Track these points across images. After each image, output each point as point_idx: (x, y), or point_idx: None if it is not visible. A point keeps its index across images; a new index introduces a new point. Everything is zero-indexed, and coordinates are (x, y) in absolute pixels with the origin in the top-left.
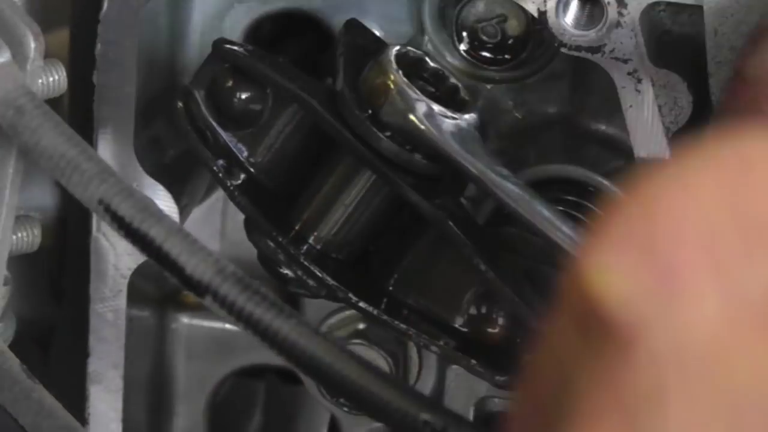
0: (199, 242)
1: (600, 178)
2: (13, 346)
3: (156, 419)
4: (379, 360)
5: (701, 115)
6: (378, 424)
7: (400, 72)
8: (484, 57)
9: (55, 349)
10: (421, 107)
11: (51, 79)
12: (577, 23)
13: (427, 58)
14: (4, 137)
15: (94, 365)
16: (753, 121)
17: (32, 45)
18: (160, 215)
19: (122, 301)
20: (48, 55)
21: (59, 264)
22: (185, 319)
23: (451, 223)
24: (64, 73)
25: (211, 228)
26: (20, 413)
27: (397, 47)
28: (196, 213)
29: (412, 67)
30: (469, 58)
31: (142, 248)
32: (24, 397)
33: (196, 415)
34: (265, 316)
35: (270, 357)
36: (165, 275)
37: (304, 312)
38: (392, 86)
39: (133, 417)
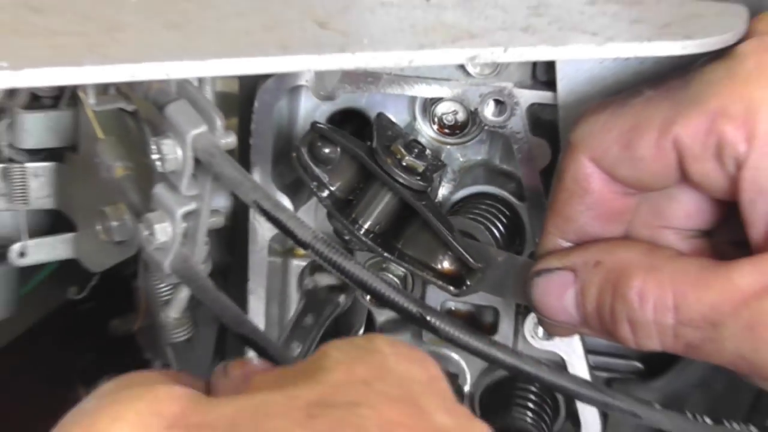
0: (304, 221)
1: (504, 192)
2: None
3: (280, 321)
4: (392, 280)
5: (555, 159)
6: (393, 314)
7: (403, 148)
8: (446, 132)
9: (231, 277)
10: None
11: (228, 140)
12: (493, 114)
13: (418, 139)
14: (205, 169)
15: (251, 285)
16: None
17: (218, 122)
18: (284, 209)
19: (265, 253)
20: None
21: (232, 234)
22: (296, 262)
23: (430, 214)
24: (235, 138)
25: (309, 217)
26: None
27: (402, 141)
28: (302, 210)
29: (411, 143)
30: (438, 133)
31: (275, 225)
32: (213, 298)
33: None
34: (337, 257)
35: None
36: (286, 239)
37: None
38: (401, 152)
39: (268, 319)
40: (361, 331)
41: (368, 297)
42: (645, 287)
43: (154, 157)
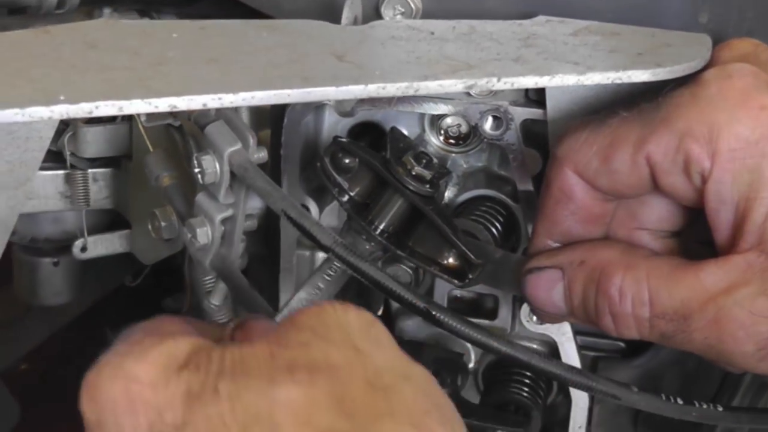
0: (326, 227)
1: (501, 195)
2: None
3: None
4: (405, 272)
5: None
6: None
7: (412, 159)
8: (451, 142)
9: (267, 266)
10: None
11: (260, 155)
12: (491, 128)
13: (426, 149)
14: (240, 181)
15: (281, 275)
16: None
17: (251, 140)
18: (308, 216)
19: (294, 247)
20: (258, 143)
21: (267, 230)
22: (322, 254)
23: (436, 217)
24: (266, 153)
25: (333, 216)
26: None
27: (412, 152)
28: (326, 210)
29: (420, 154)
30: (444, 143)
31: (300, 230)
32: (246, 294)
33: None
34: (354, 259)
35: None
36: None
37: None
38: (411, 163)
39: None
40: (380, 311)
41: None
42: (624, 284)
43: (196, 170)
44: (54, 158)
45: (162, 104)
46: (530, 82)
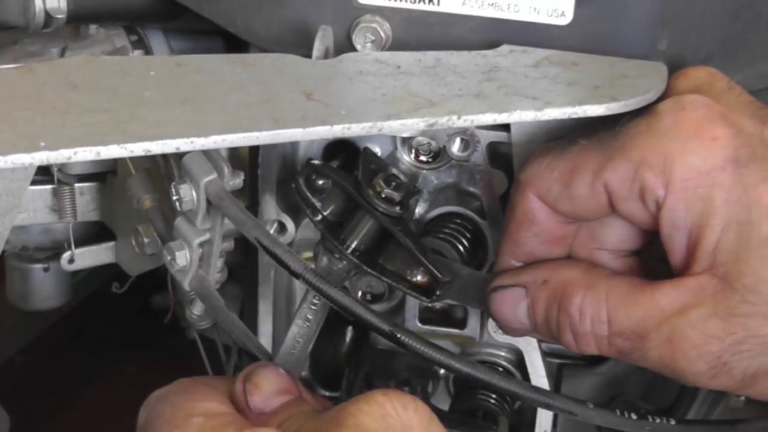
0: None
1: (469, 212)
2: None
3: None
4: (379, 283)
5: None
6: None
7: (382, 182)
8: (422, 160)
9: (246, 275)
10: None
11: (235, 182)
12: (459, 149)
13: (395, 172)
14: (216, 210)
15: (260, 287)
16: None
17: (226, 170)
18: (280, 244)
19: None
20: (235, 166)
21: (245, 242)
22: None
23: (405, 237)
24: (241, 180)
25: (309, 230)
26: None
27: (382, 175)
28: (303, 224)
29: (390, 177)
30: (415, 160)
31: (272, 257)
32: (223, 316)
33: None
34: (323, 285)
35: None
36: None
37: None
38: (380, 186)
39: (276, 312)
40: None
41: None
42: (584, 303)
43: (174, 198)
44: (42, 172)
45: (137, 149)
46: (489, 119)
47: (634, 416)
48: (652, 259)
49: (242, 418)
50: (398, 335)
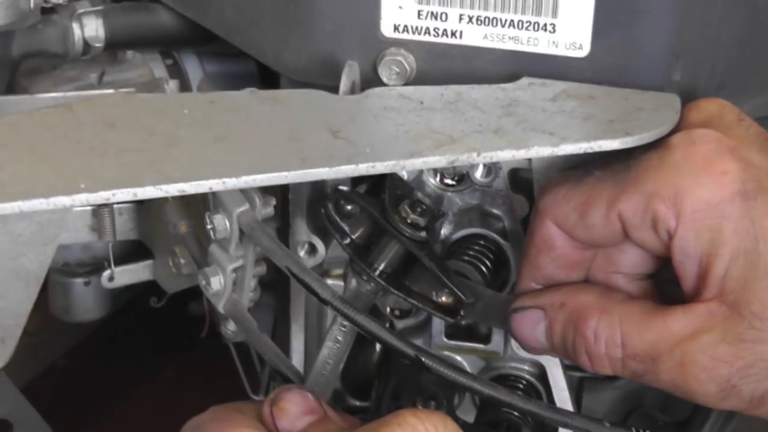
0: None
1: (492, 234)
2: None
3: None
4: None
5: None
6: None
7: (408, 208)
8: (446, 183)
9: (279, 291)
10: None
11: (267, 210)
12: (482, 175)
13: (420, 197)
14: (248, 238)
15: (292, 305)
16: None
17: (257, 201)
18: (310, 272)
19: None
20: (267, 189)
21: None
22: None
23: (430, 261)
24: (272, 209)
25: (339, 250)
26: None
27: (408, 201)
28: (333, 245)
29: (415, 202)
30: (440, 183)
31: (302, 285)
32: (256, 338)
33: None
34: (351, 312)
35: None
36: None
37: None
38: (406, 212)
39: (308, 331)
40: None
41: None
42: (599, 327)
43: (208, 227)
44: None
45: (172, 189)
46: (508, 155)
47: None
48: (666, 282)
49: None
50: (423, 359)
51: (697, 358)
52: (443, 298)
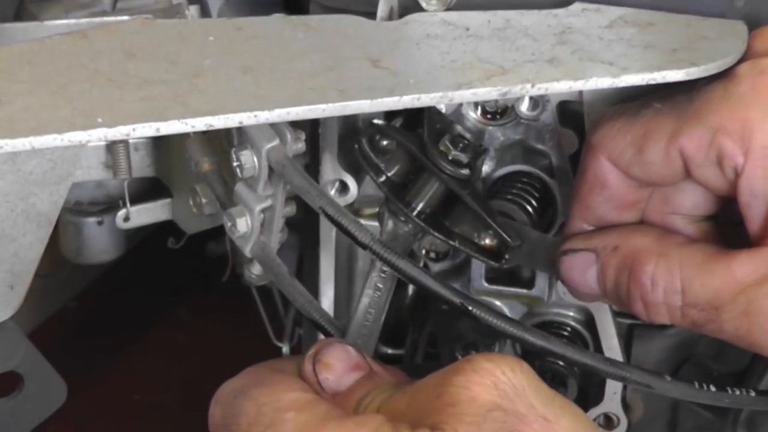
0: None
1: (537, 171)
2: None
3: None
4: (444, 245)
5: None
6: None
7: (449, 143)
8: (488, 117)
9: (307, 232)
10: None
11: (297, 147)
12: (528, 109)
13: (461, 131)
14: (278, 177)
15: (322, 245)
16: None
17: (289, 136)
18: (346, 213)
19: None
20: (295, 123)
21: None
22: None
23: (473, 201)
24: (303, 145)
25: (371, 187)
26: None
27: (449, 136)
28: (366, 181)
29: (456, 137)
30: (481, 117)
31: (338, 227)
32: (287, 284)
33: None
34: (391, 257)
35: None
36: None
37: None
38: (447, 147)
39: (338, 272)
40: None
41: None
42: (656, 272)
43: (235, 164)
44: None
45: (198, 123)
46: (564, 87)
47: (713, 388)
48: (729, 224)
49: (335, 407)
50: (470, 307)
51: (763, 307)
52: (486, 240)
